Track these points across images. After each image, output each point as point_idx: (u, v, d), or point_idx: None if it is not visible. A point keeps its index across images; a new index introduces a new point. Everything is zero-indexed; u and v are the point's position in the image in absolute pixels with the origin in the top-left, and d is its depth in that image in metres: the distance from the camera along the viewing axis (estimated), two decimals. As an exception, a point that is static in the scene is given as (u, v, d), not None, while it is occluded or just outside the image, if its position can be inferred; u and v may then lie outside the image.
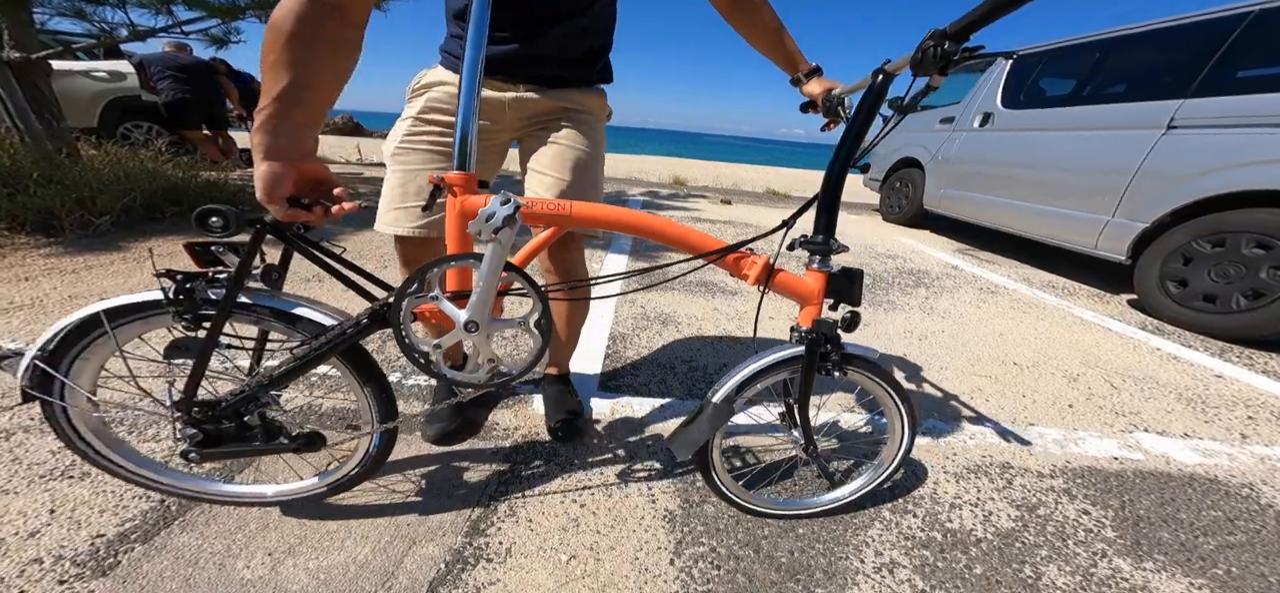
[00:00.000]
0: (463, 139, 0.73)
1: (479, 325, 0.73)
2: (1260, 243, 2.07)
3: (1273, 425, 1.46)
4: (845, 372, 0.85)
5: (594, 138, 1.02)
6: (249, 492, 0.88)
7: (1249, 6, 2.37)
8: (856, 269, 0.82)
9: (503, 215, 0.65)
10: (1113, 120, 2.79)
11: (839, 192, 0.80)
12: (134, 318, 0.68)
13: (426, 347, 0.74)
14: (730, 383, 0.83)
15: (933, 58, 0.63)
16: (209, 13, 2.98)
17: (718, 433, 0.88)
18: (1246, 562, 0.94)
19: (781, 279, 0.82)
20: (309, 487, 0.88)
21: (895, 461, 0.96)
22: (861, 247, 3.65)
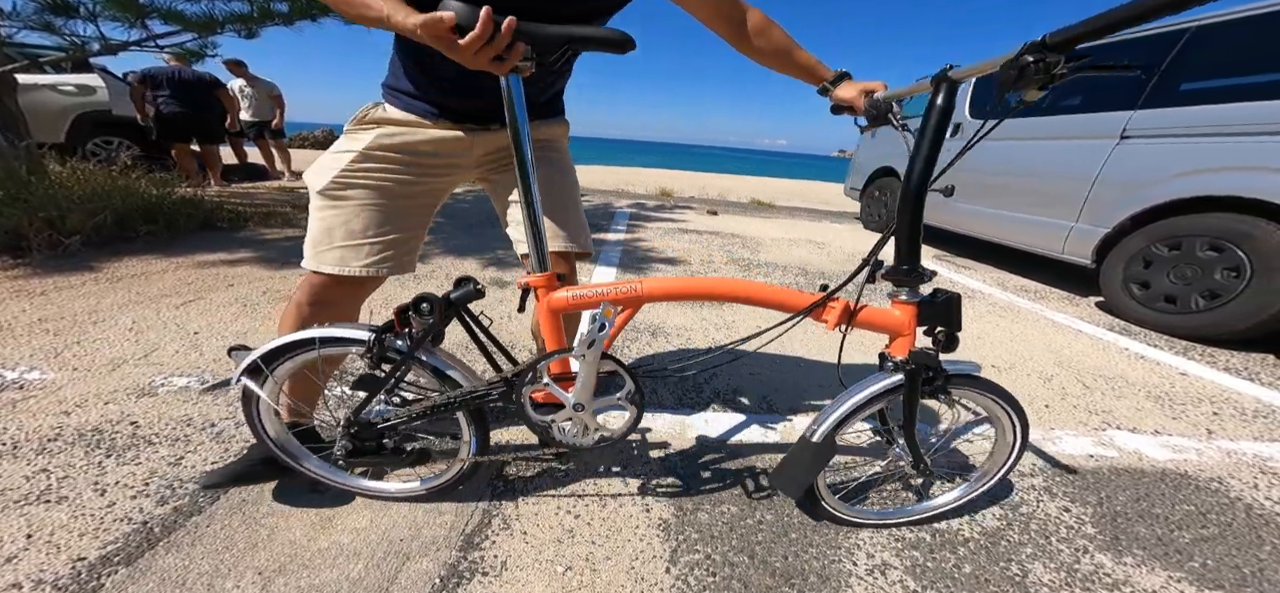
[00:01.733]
0: (537, 241, 0.81)
1: (584, 406, 0.87)
2: (1212, 246, 2.19)
3: (1236, 421, 1.54)
4: (950, 393, 0.86)
5: (564, 163, 1.03)
6: (372, 487, 0.98)
7: (1186, 23, 2.53)
8: (953, 293, 0.81)
9: (600, 338, 0.79)
10: (1072, 131, 2.93)
11: (919, 215, 0.77)
12: (336, 347, 0.83)
13: (546, 419, 0.89)
14: (830, 421, 0.84)
15: (1034, 72, 0.59)
16: (185, 27, 2.94)
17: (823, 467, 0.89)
18: (1221, 554, 0.98)
19: (866, 316, 0.82)
20: (413, 489, 0.98)
21: (1006, 466, 0.98)
22: (845, 254, 3.73)
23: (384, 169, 0.87)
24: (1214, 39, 2.41)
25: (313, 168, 0.89)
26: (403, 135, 0.88)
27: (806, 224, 5.29)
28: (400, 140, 0.88)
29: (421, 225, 0.97)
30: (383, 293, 1.64)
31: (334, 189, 0.86)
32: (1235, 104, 2.20)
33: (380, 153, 0.87)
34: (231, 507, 0.92)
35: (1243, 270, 2.08)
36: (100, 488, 0.94)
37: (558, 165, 1.02)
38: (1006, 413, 0.92)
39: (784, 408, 1.44)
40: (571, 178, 1.04)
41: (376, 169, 0.87)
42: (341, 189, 0.86)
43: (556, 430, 0.90)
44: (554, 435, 0.90)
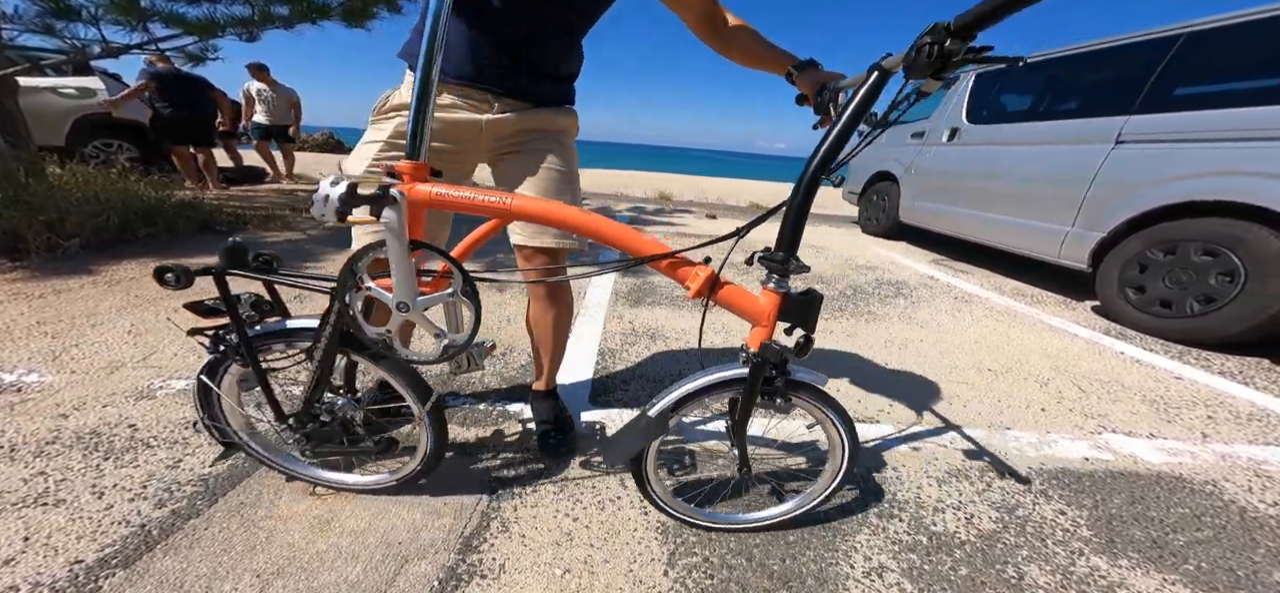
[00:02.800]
0: (415, 130, 0.75)
1: (408, 306, 0.77)
2: (1207, 250, 2.21)
3: (1231, 424, 1.54)
4: (790, 400, 0.81)
5: (568, 156, 1.05)
6: (335, 478, 0.99)
7: (1179, 29, 2.56)
8: (817, 293, 0.77)
9: (336, 195, 0.63)
10: (1068, 135, 2.96)
11: (808, 203, 0.72)
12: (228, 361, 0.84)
13: (380, 332, 0.79)
14: (668, 399, 0.81)
15: (928, 58, 0.55)
16: (186, 30, 2.95)
17: (653, 443, 0.88)
18: (1215, 557, 0.99)
19: (728, 294, 0.76)
20: (381, 480, 0.98)
21: (830, 488, 0.93)
22: (842, 259, 3.75)
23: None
24: (1208, 44, 2.44)
25: (349, 158, 0.97)
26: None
27: (805, 228, 5.31)
28: None
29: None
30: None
31: (367, 179, 0.92)
32: (1229, 110, 2.22)
33: (402, 142, 0.91)
34: (230, 510, 0.92)
35: (1237, 275, 2.09)
36: (98, 491, 0.94)
37: (559, 157, 1.02)
38: (839, 434, 0.87)
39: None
40: (568, 172, 1.04)
41: (397, 157, 0.91)
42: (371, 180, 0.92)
43: (397, 343, 0.82)
44: (393, 352, 0.81)
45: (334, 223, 0.66)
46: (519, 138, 1.02)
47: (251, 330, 0.80)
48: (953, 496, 1.12)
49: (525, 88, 0.97)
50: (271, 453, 0.97)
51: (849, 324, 2.27)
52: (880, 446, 1.30)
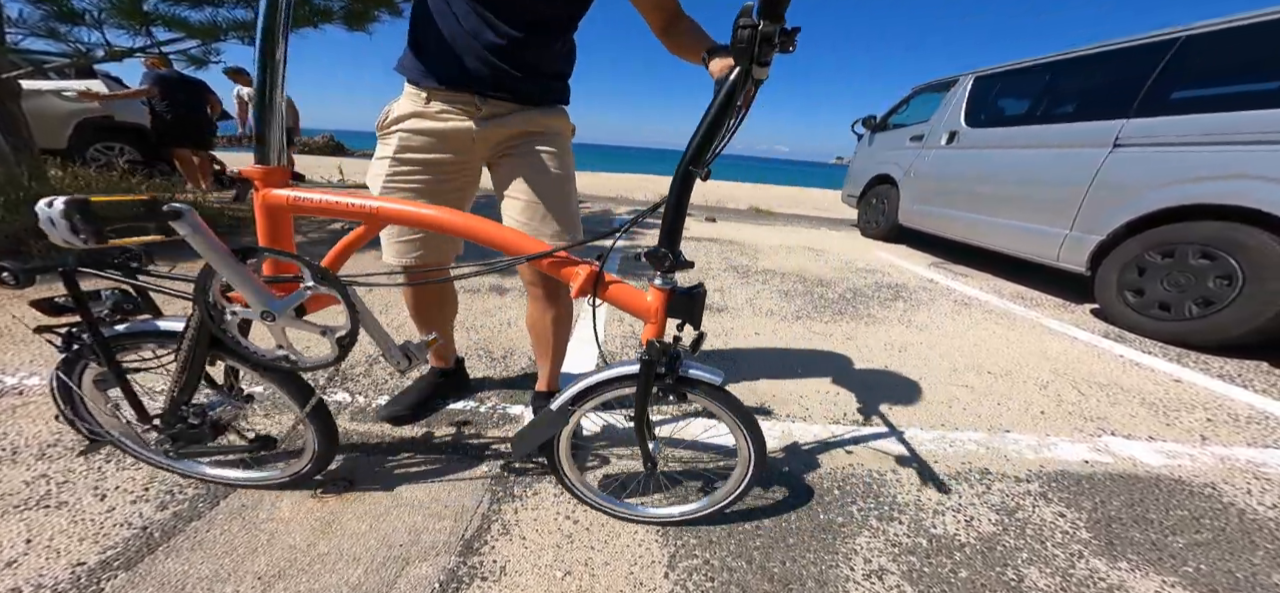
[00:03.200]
0: (262, 133, 0.74)
1: (273, 315, 0.76)
2: (1205, 253, 2.22)
3: (1230, 427, 1.55)
4: (684, 396, 0.81)
5: (563, 158, 1.05)
6: (220, 475, 0.98)
7: (1176, 33, 2.57)
8: (698, 289, 0.77)
9: (60, 218, 0.60)
10: (1067, 139, 2.97)
11: (684, 199, 0.71)
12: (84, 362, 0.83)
13: (236, 332, 0.78)
14: (566, 394, 0.84)
15: (745, 43, 0.55)
16: (188, 33, 2.97)
17: (564, 435, 0.91)
18: (1214, 559, 0.99)
19: (615, 291, 0.77)
20: (272, 477, 0.98)
21: (739, 489, 0.93)
22: (842, 261, 3.75)
23: (413, 172, 0.99)
24: (1205, 48, 2.45)
25: (368, 175, 1.05)
26: (418, 129, 0.97)
27: (804, 231, 5.33)
28: (419, 141, 0.98)
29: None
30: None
31: (383, 195, 0.99)
32: (1226, 113, 2.24)
33: (407, 156, 0.99)
34: (231, 512, 0.92)
35: (1235, 278, 2.10)
36: (100, 493, 0.95)
37: (550, 158, 1.02)
38: (743, 434, 0.86)
39: (782, 414, 1.45)
40: (562, 174, 1.04)
41: (406, 172, 0.99)
42: (390, 194, 0.99)
43: (270, 350, 0.81)
44: (266, 358, 0.80)
45: (86, 246, 0.62)
46: (513, 141, 1.02)
47: (111, 330, 0.78)
48: (953, 497, 1.13)
49: (513, 86, 0.96)
50: (147, 450, 0.95)
51: (848, 327, 2.28)
52: (880, 448, 1.30)
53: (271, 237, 0.79)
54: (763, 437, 0.87)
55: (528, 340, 1.84)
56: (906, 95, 4.93)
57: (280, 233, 0.80)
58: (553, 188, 1.02)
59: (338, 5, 3.04)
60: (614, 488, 1.05)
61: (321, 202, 0.76)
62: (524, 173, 1.01)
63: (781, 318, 2.34)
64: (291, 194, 0.75)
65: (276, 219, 0.78)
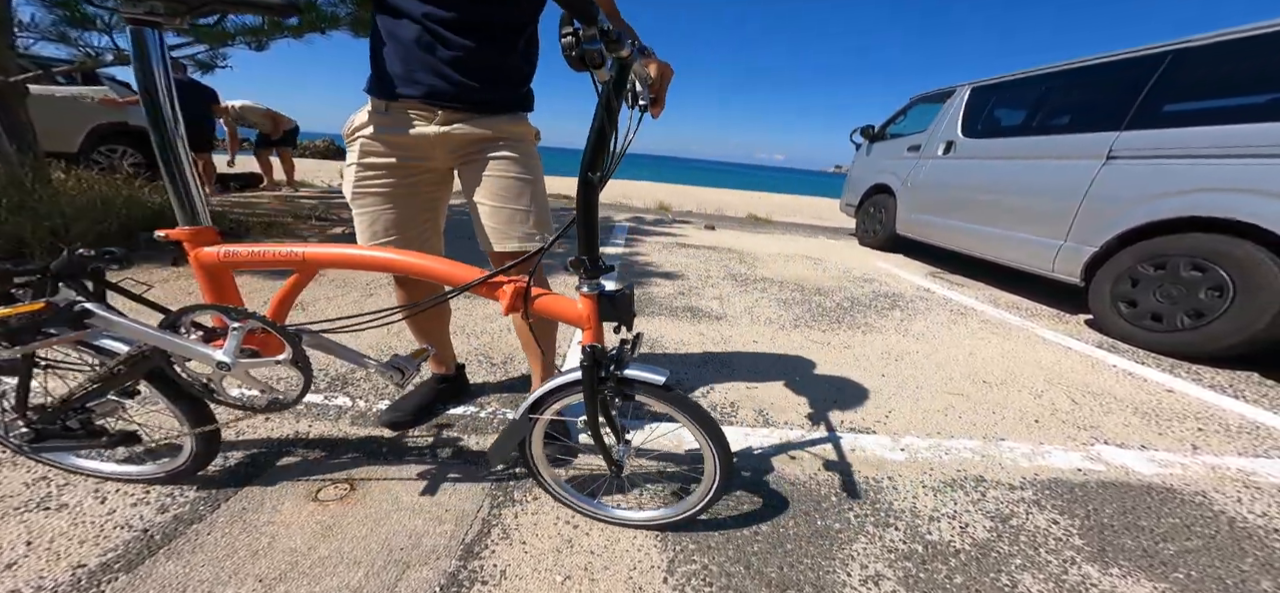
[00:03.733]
0: (179, 190, 0.78)
1: (230, 365, 0.79)
2: (1196, 266, 2.25)
3: (1221, 436, 1.57)
4: (629, 397, 0.82)
5: (527, 161, 1.05)
6: (90, 467, 0.99)
7: (1167, 46, 2.62)
8: (623, 290, 0.78)
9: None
10: (1061, 150, 3.01)
11: (589, 204, 0.71)
12: None
13: (204, 379, 0.82)
14: (526, 403, 0.88)
15: (568, 50, 0.58)
16: (198, 38, 3.00)
17: (536, 439, 0.94)
18: (1204, 565, 1.00)
19: (544, 304, 0.80)
20: (148, 472, 0.98)
21: (707, 496, 0.93)
22: (840, 270, 3.78)
23: (378, 176, 1.02)
24: (1197, 62, 2.49)
25: (343, 180, 1.09)
26: (377, 136, 1.00)
27: (803, 240, 5.36)
28: (379, 147, 1.01)
29: (426, 223, 1.11)
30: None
31: (356, 199, 1.04)
32: (1217, 127, 2.27)
33: (370, 161, 1.02)
34: (232, 515, 0.93)
35: (1226, 290, 2.13)
36: (101, 496, 0.95)
37: (512, 162, 1.03)
38: (704, 436, 0.86)
39: (779, 421, 1.46)
40: (526, 177, 1.04)
41: (372, 176, 1.02)
42: (360, 198, 1.04)
43: (218, 390, 0.84)
44: (218, 397, 0.85)
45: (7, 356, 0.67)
46: (473, 146, 1.03)
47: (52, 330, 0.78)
48: (948, 505, 1.14)
49: (468, 97, 0.97)
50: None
51: (846, 336, 2.30)
52: (877, 455, 1.32)
53: (215, 293, 0.82)
54: (723, 435, 0.87)
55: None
56: (904, 105, 4.99)
57: (222, 288, 0.83)
58: (516, 192, 1.03)
59: (344, 12, 3.08)
60: (590, 490, 1.06)
61: (252, 254, 0.79)
62: (488, 179, 1.02)
63: (780, 326, 2.35)
64: (222, 250, 0.79)
65: (214, 275, 0.81)
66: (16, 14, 2.47)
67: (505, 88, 1.03)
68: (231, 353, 0.78)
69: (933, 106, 4.45)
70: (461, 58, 0.94)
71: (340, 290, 2.29)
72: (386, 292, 2.32)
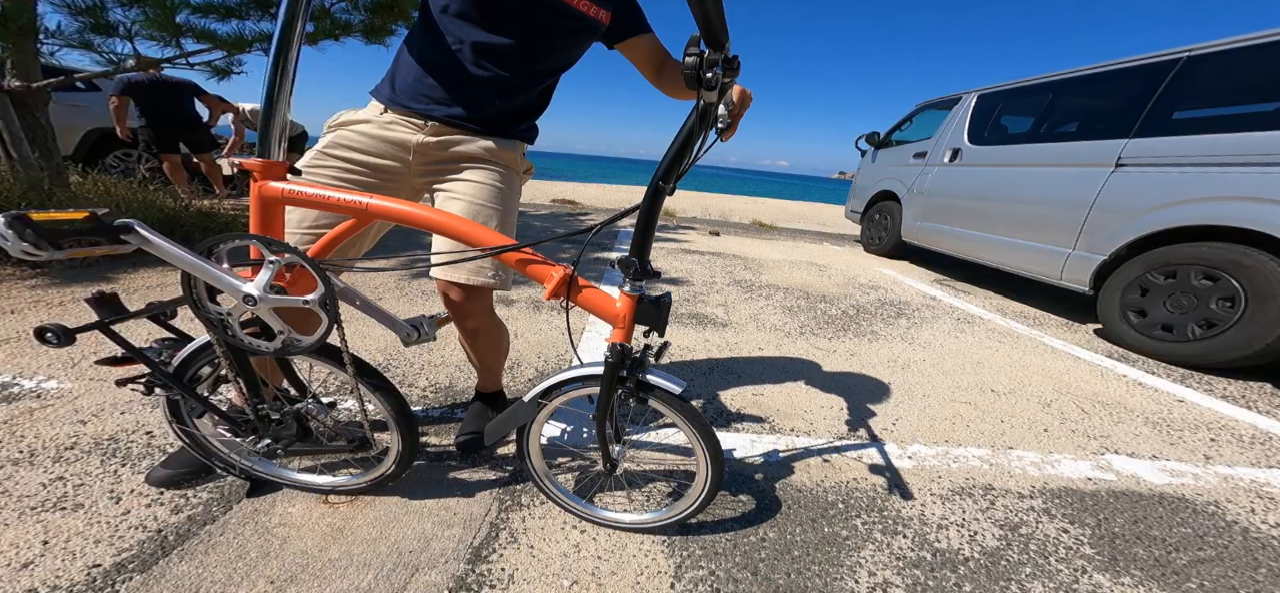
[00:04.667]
0: (266, 128, 0.76)
1: (256, 298, 0.76)
2: (1207, 275, 2.23)
3: (1234, 446, 1.55)
4: (644, 400, 0.84)
5: (505, 190, 1.03)
6: (308, 480, 1.01)
7: (1178, 53, 2.61)
8: (665, 298, 0.81)
9: (5, 231, 0.60)
10: (1069, 158, 3.00)
11: (654, 211, 0.75)
12: None
13: (221, 312, 0.79)
14: (537, 388, 0.88)
15: (691, 69, 0.60)
16: (215, 45, 3.05)
17: (535, 428, 0.95)
18: (1218, 576, 0.99)
19: (587, 296, 0.80)
20: (360, 482, 1.00)
21: (696, 503, 0.94)
22: (845, 277, 3.77)
23: (336, 165, 0.96)
24: (1207, 69, 2.47)
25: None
26: (354, 130, 0.97)
27: (808, 246, 5.36)
28: (351, 140, 0.97)
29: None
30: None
31: (305, 178, 0.95)
32: (1228, 135, 2.26)
33: (336, 152, 0.97)
34: (244, 516, 0.94)
35: (1237, 300, 2.11)
36: (115, 496, 0.96)
37: (489, 188, 1.01)
38: (700, 444, 0.87)
39: (786, 428, 1.46)
40: (499, 208, 1.01)
41: (330, 165, 0.96)
42: (308, 178, 0.96)
43: (233, 328, 0.80)
44: (231, 336, 0.80)
45: (48, 257, 0.64)
46: (453, 163, 1.01)
47: (170, 366, 0.84)
48: (956, 513, 1.13)
49: (471, 118, 0.98)
50: (252, 461, 0.99)
51: (851, 343, 2.29)
52: (884, 463, 1.31)
53: (262, 226, 0.81)
54: (721, 450, 0.88)
55: (535, 352, 1.86)
56: (910, 112, 5.00)
57: (272, 223, 0.82)
58: (490, 198, 1.00)
59: (357, 19, 3.13)
60: (581, 488, 1.07)
61: (314, 196, 0.78)
62: (466, 185, 1.00)
63: (785, 333, 2.35)
64: (286, 187, 0.78)
65: (269, 210, 0.80)
66: (42, 22, 2.53)
67: (510, 117, 1.03)
68: (262, 286, 0.75)
69: (939, 113, 4.45)
70: (489, 83, 0.95)
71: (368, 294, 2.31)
72: (393, 297, 2.34)
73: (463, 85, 0.96)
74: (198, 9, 2.72)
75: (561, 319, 2.21)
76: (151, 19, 2.57)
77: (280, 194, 0.78)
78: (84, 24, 2.54)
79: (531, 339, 1.97)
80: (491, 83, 0.96)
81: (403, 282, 2.56)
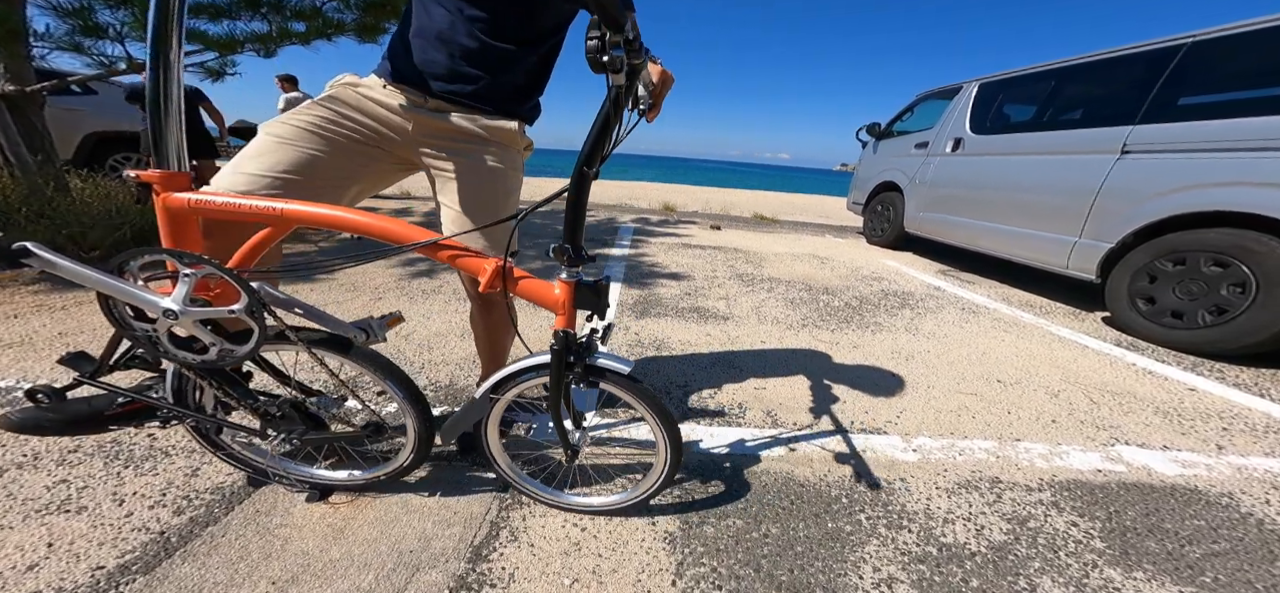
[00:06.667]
0: (158, 135, 0.72)
1: (175, 313, 0.73)
2: (1217, 261, 2.19)
3: (1247, 436, 1.52)
4: (595, 383, 0.85)
5: (506, 171, 1.01)
6: (331, 477, 1.02)
7: (1182, 38, 2.57)
8: (602, 281, 0.80)
9: None
10: (1074, 145, 2.96)
11: (581, 197, 0.75)
12: None
13: (147, 330, 0.77)
14: (489, 382, 0.89)
15: (591, 52, 0.59)
16: (206, 46, 3.04)
17: (492, 421, 0.96)
18: (1233, 569, 0.97)
19: (525, 286, 0.80)
20: (377, 474, 1.01)
21: (656, 483, 0.96)
22: (848, 269, 3.74)
23: (319, 116, 0.91)
24: (1213, 54, 2.44)
25: None
26: (358, 91, 0.95)
27: (810, 239, 5.32)
28: (352, 97, 0.94)
29: (337, 186, 0.95)
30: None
31: (273, 124, 0.91)
32: (1235, 120, 2.22)
33: (320, 105, 0.92)
34: (246, 518, 0.94)
35: (1248, 286, 2.08)
36: (119, 498, 0.96)
37: (487, 170, 0.99)
38: (657, 424, 0.88)
39: (788, 422, 1.45)
40: (499, 187, 1.00)
41: (311, 115, 0.91)
42: (277, 125, 0.90)
43: (163, 343, 0.77)
44: (163, 352, 0.78)
45: None
46: (450, 139, 0.99)
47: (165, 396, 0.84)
48: (962, 507, 1.12)
49: (467, 92, 0.95)
50: (276, 463, 0.99)
51: (855, 335, 2.27)
52: (888, 456, 1.30)
53: (174, 239, 0.78)
54: (676, 426, 0.89)
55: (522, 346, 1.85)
56: (911, 102, 4.94)
57: (184, 235, 0.79)
58: (486, 200, 0.98)
59: (350, 18, 3.12)
60: (543, 476, 1.07)
61: (224, 204, 0.75)
62: (458, 181, 0.98)
63: (787, 326, 2.34)
64: (192, 197, 0.75)
65: (178, 222, 0.77)
66: (31, 24, 2.53)
67: (508, 91, 1.01)
68: (180, 300, 0.73)
69: (940, 103, 4.39)
70: (478, 53, 0.93)
71: (350, 295, 2.31)
72: (394, 296, 2.34)
73: (459, 58, 0.93)
74: (188, 10, 2.71)
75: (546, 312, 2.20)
76: (140, 20, 2.56)
77: (186, 205, 0.75)
78: (73, 26, 2.54)
79: (531, 338, 1.97)
80: (487, 53, 0.94)
81: (403, 280, 2.56)
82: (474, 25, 0.92)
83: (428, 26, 0.93)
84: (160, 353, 0.77)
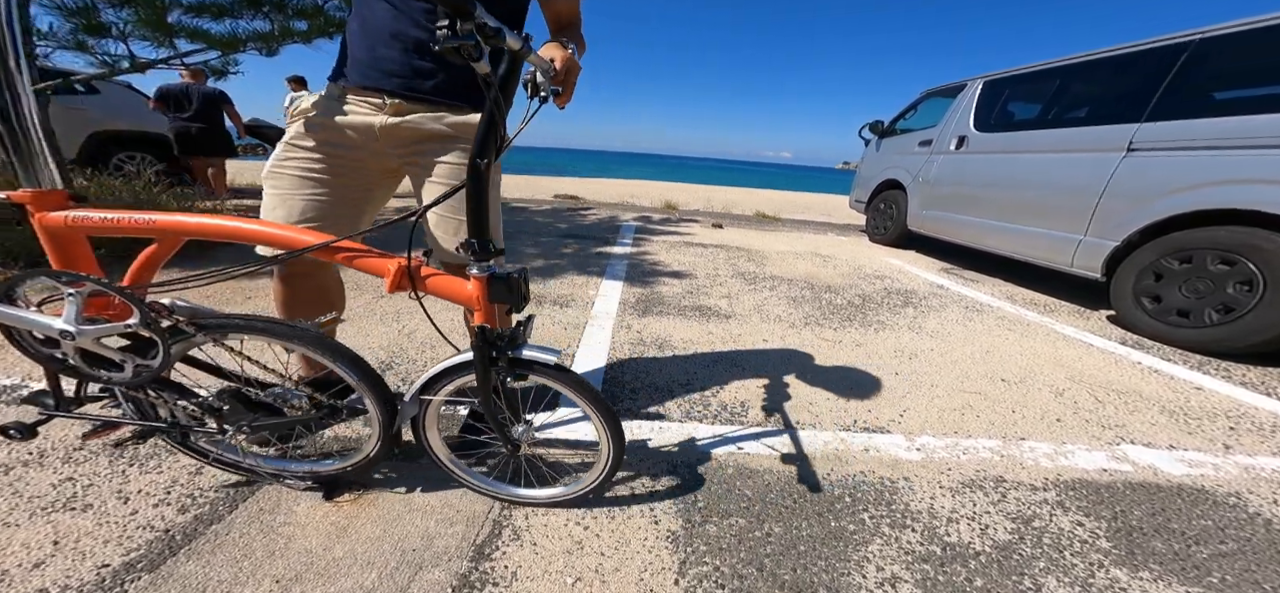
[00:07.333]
0: (23, 159, 0.70)
1: (72, 334, 0.73)
2: (1224, 259, 2.17)
3: (1254, 436, 1.51)
4: (524, 377, 0.84)
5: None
6: (294, 468, 1.01)
7: (1190, 35, 2.54)
8: (515, 272, 0.78)
9: None
10: (1079, 143, 2.94)
11: (479, 188, 0.71)
12: None
13: (61, 354, 0.76)
14: (415, 386, 0.89)
15: (440, 42, 0.57)
16: (209, 45, 3.05)
17: (429, 419, 0.95)
18: (1241, 570, 0.97)
19: (436, 283, 0.78)
20: (344, 466, 1.00)
21: (599, 477, 0.98)
22: (850, 267, 3.73)
23: (301, 156, 0.95)
24: (1221, 51, 2.42)
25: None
26: (320, 119, 0.95)
27: (811, 237, 5.31)
28: (316, 129, 0.95)
29: (349, 218, 1.00)
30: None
31: (270, 177, 0.96)
32: (1243, 117, 2.20)
33: (300, 142, 0.95)
34: (250, 516, 0.94)
35: (1255, 284, 2.06)
36: (124, 496, 0.97)
37: (456, 165, 0.97)
38: (596, 414, 0.89)
39: (791, 420, 1.44)
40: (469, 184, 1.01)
41: (296, 158, 0.95)
42: (274, 177, 0.96)
43: (76, 362, 0.77)
44: (81, 371, 0.78)
45: None
46: (423, 143, 0.97)
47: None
48: (966, 506, 1.11)
49: (427, 87, 0.94)
50: (230, 452, 0.99)
51: (857, 334, 2.26)
52: (892, 455, 1.29)
53: (61, 260, 0.75)
54: (613, 411, 0.90)
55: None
56: (914, 100, 4.92)
57: (70, 255, 0.76)
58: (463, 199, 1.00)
59: (351, 16, 3.13)
60: (498, 473, 1.07)
61: (103, 220, 0.72)
62: (437, 177, 0.97)
63: (790, 324, 2.33)
64: (68, 215, 0.72)
65: (59, 240, 0.74)
66: (35, 23, 2.54)
67: (473, 81, 0.95)
68: (72, 320, 0.71)
69: (944, 101, 4.37)
70: (430, 44, 0.93)
71: (352, 294, 2.32)
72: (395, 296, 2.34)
73: (413, 51, 0.91)
74: (190, 8, 2.71)
75: (547, 310, 2.20)
76: (143, 19, 2.57)
77: (64, 222, 0.72)
78: (76, 25, 2.55)
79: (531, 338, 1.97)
80: (429, 37, 0.90)
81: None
82: (423, 15, 0.89)
83: (375, 24, 0.91)
84: (82, 375, 0.76)
